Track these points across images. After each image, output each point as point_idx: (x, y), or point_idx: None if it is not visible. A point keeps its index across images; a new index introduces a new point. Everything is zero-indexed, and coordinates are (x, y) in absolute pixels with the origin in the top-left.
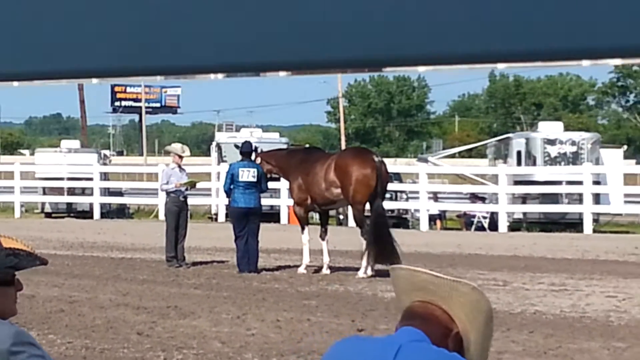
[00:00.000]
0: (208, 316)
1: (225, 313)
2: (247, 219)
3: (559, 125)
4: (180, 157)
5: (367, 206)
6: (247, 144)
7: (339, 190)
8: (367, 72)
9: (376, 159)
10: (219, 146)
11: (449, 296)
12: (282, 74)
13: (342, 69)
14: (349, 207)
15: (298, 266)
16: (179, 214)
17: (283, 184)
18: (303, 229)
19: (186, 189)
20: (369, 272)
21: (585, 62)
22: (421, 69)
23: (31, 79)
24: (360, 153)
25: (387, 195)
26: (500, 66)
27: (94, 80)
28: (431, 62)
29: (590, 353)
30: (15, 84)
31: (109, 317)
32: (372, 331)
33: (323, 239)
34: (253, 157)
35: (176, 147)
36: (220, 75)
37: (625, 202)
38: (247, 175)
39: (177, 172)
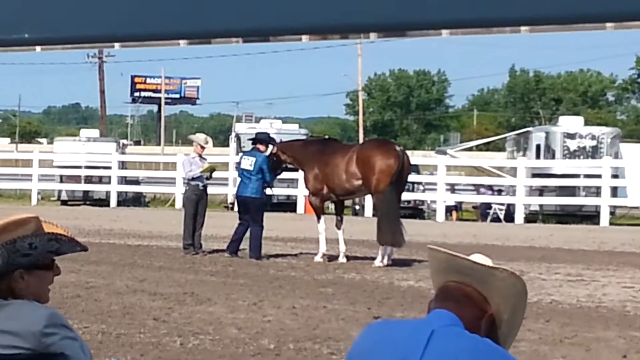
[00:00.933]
0: (224, 303)
1: (241, 300)
2: (246, 208)
3: (579, 119)
4: (202, 147)
5: None
6: (258, 134)
7: (359, 182)
8: (390, 36)
9: (398, 148)
10: (238, 137)
11: (486, 281)
12: (304, 38)
13: (364, 32)
14: (366, 198)
15: (314, 255)
16: (197, 203)
17: (300, 174)
18: (319, 218)
19: (207, 178)
20: (386, 261)
21: (609, 25)
22: (445, 32)
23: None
24: (382, 144)
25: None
26: (524, 29)
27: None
28: (453, 25)
29: (607, 342)
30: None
31: (126, 303)
32: (389, 319)
33: (339, 228)
34: (263, 147)
35: (200, 137)
36: (240, 40)
37: None
38: (245, 163)
39: (197, 161)
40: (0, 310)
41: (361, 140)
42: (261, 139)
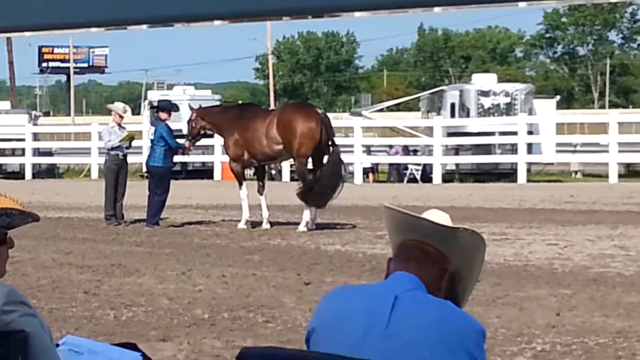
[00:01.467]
0: (153, 273)
1: (170, 270)
2: (151, 176)
3: (493, 77)
4: (121, 116)
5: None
6: (159, 101)
7: (280, 147)
8: (310, 18)
9: (320, 111)
10: (151, 104)
11: (447, 240)
12: (216, 22)
13: (285, 16)
14: (284, 162)
15: (237, 221)
16: (118, 172)
17: (216, 141)
18: (240, 184)
19: (126, 147)
20: (310, 226)
21: (522, 4)
22: (357, 14)
23: None
24: (303, 107)
25: None
26: (436, 10)
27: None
28: (364, 7)
29: (538, 300)
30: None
31: (54, 277)
32: (319, 284)
33: (261, 194)
34: (165, 115)
35: (118, 106)
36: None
37: (557, 151)
38: (150, 132)
39: (116, 130)
40: None
41: (272, 104)
42: (163, 106)
